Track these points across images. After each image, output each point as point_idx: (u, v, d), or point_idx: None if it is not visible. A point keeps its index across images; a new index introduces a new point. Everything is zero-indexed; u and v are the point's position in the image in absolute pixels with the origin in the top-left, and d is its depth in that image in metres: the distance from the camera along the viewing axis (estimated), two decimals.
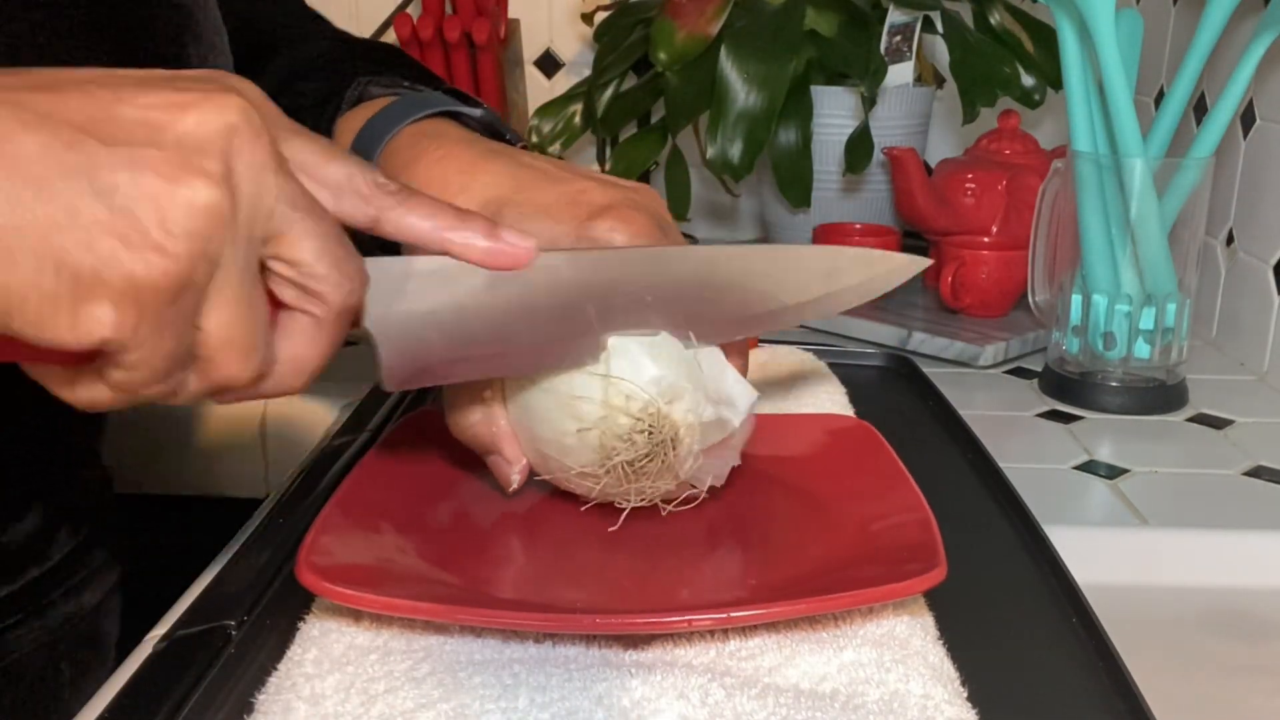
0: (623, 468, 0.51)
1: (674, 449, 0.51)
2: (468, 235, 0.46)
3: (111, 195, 0.35)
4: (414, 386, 0.49)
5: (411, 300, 0.46)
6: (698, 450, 0.52)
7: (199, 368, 0.39)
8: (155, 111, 0.37)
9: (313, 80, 0.70)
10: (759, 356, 0.83)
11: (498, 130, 0.64)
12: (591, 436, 0.51)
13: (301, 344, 0.41)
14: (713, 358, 0.54)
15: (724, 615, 0.45)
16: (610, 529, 0.54)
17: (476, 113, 0.64)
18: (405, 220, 0.45)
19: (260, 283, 0.39)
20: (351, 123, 0.63)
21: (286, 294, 0.41)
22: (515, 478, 0.55)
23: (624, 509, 0.53)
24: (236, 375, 0.39)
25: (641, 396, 0.50)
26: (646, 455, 0.51)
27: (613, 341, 0.52)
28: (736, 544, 0.54)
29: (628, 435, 0.51)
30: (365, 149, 0.61)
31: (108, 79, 0.37)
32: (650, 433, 0.51)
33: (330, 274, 0.40)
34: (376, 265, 0.45)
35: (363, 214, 0.44)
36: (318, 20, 0.79)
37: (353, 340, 0.46)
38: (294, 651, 0.46)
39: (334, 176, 0.43)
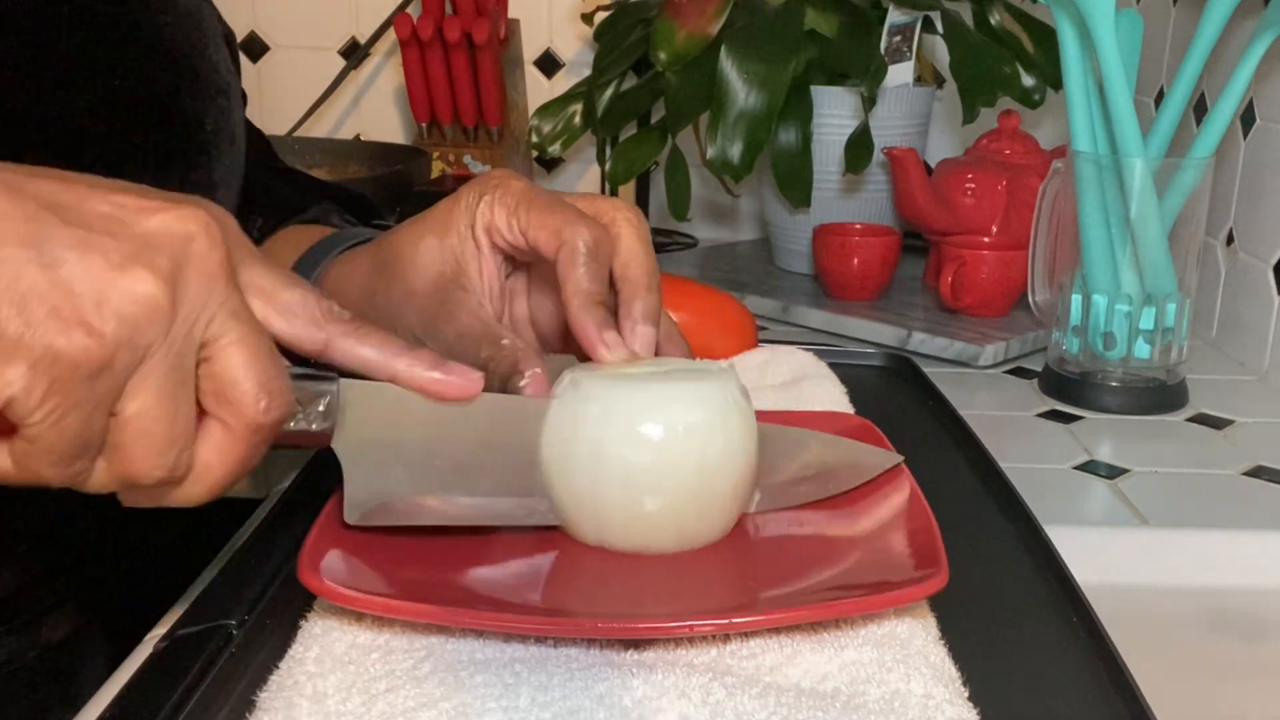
0: None
1: None
2: (414, 364, 0.47)
3: (56, 268, 0.36)
4: (377, 523, 0.48)
5: (383, 428, 0.47)
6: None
7: (110, 456, 0.39)
8: (122, 210, 0.38)
9: (285, 188, 0.75)
10: (759, 357, 0.83)
11: None
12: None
13: (211, 451, 0.41)
14: None
15: (725, 621, 0.45)
16: None
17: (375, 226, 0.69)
18: (356, 349, 0.46)
19: (190, 386, 0.40)
20: (296, 236, 0.68)
21: (207, 400, 0.41)
22: (531, 383, 0.52)
23: None
24: (147, 470, 0.39)
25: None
26: None
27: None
28: (738, 545, 0.54)
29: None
30: (311, 261, 0.64)
31: (91, 180, 0.39)
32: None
33: (251, 386, 0.40)
34: (354, 386, 0.46)
35: (313, 339, 0.45)
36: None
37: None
38: (296, 650, 0.46)
39: (289, 300, 0.44)
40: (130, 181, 0.41)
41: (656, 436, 0.49)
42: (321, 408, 0.46)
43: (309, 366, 0.47)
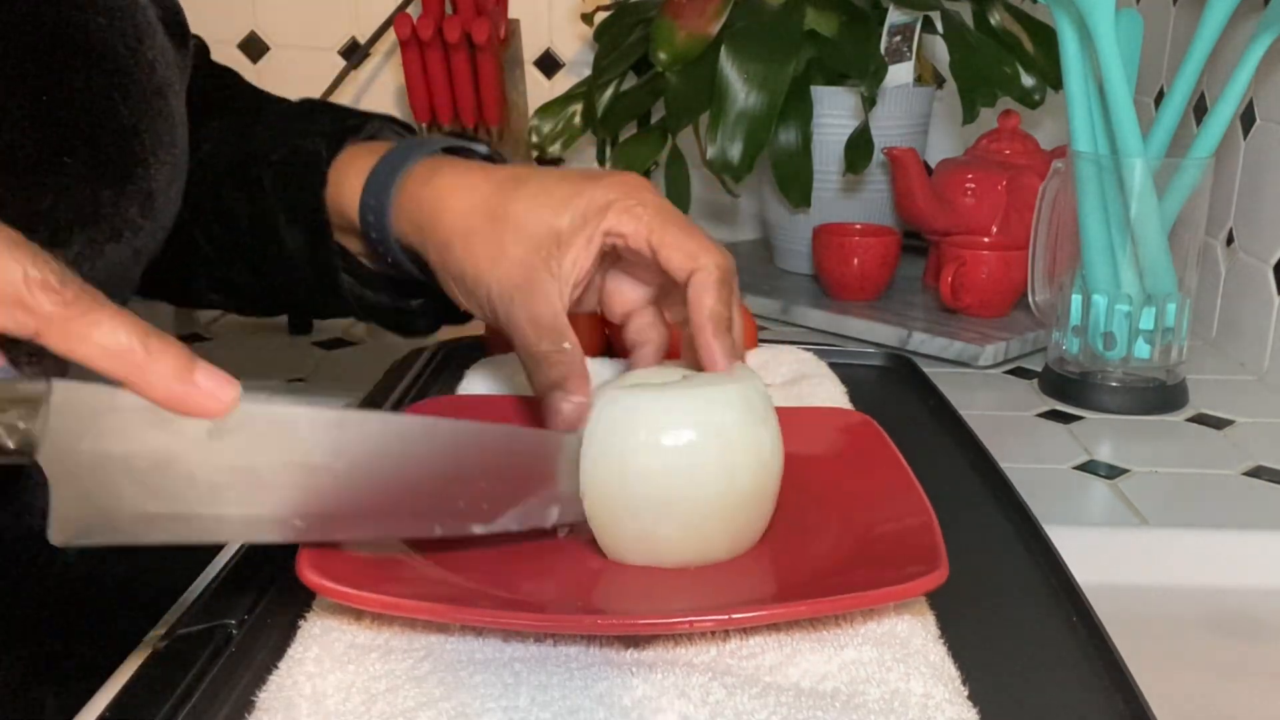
0: None
1: None
2: (151, 369, 0.39)
3: None
4: (90, 543, 0.41)
5: (105, 440, 0.40)
6: None
7: None
8: None
9: (321, 118, 0.71)
10: (759, 356, 0.83)
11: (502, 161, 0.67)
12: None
13: None
14: None
15: (725, 617, 0.45)
16: None
17: (482, 149, 0.67)
18: (78, 344, 0.39)
19: None
20: (363, 154, 0.66)
21: None
22: (572, 410, 0.53)
23: None
24: None
25: None
26: None
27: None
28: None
29: None
30: (383, 177, 0.64)
31: None
32: None
33: None
34: (70, 391, 0.39)
35: (19, 325, 0.38)
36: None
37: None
38: (295, 650, 0.46)
39: None
40: (59, 196, 0.38)
41: (682, 441, 0.49)
42: (19, 418, 0.38)
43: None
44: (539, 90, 1.45)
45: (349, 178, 0.66)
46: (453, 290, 0.62)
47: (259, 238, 0.69)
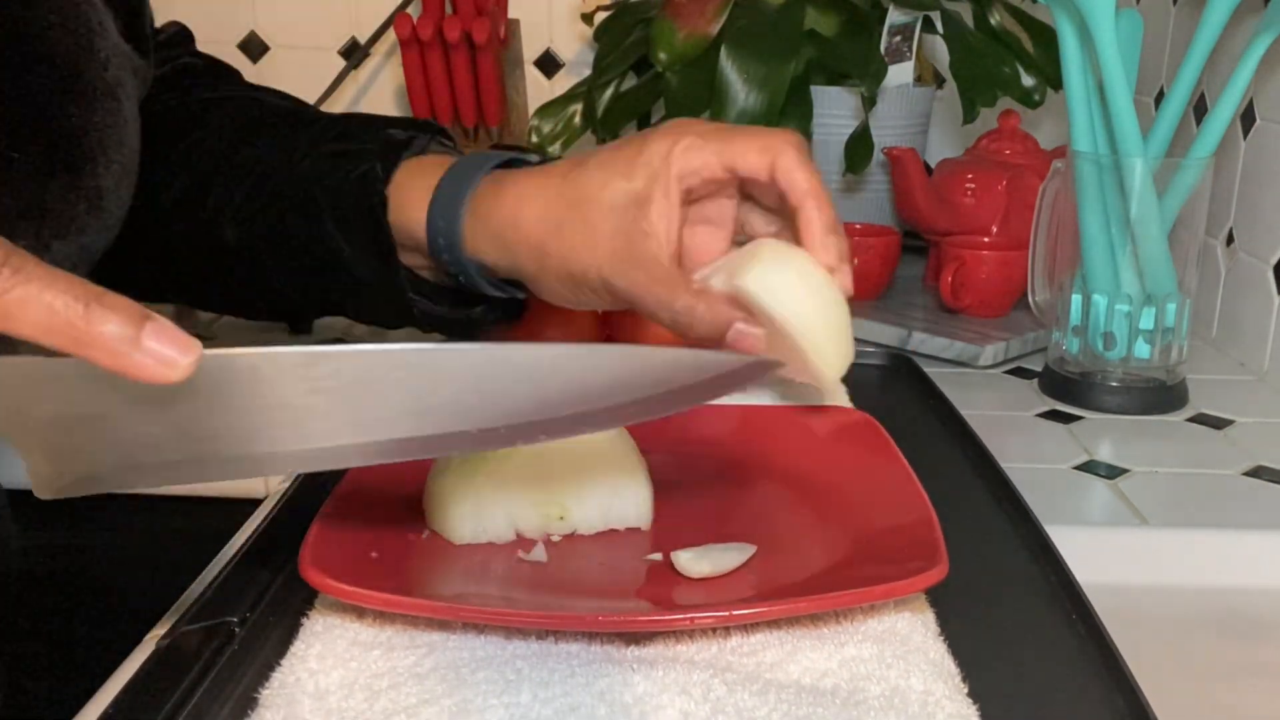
0: None
1: None
2: (93, 339, 0.37)
3: None
4: (78, 494, 0.41)
5: (56, 404, 0.39)
6: None
7: None
8: None
9: (363, 135, 0.71)
10: None
11: None
12: None
13: None
14: None
15: (726, 614, 0.46)
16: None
17: (534, 158, 0.68)
18: (10, 322, 0.36)
19: None
20: (419, 173, 0.66)
21: None
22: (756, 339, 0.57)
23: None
24: None
25: None
26: None
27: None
28: (739, 538, 0.54)
29: None
30: (449, 198, 0.65)
31: None
32: None
33: None
34: (5, 367, 0.38)
35: None
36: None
37: None
38: (297, 647, 0.46)
39: None
40: (5, 191, 0.38)
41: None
42: None
43: None
44: (539, 90, 1.45)
45: (411, 199, 0.66)
46: (559, 293, 0.63)
47: (322, 260, 0.70)
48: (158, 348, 0.37)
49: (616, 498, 0.54)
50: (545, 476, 0.53)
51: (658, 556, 0.52)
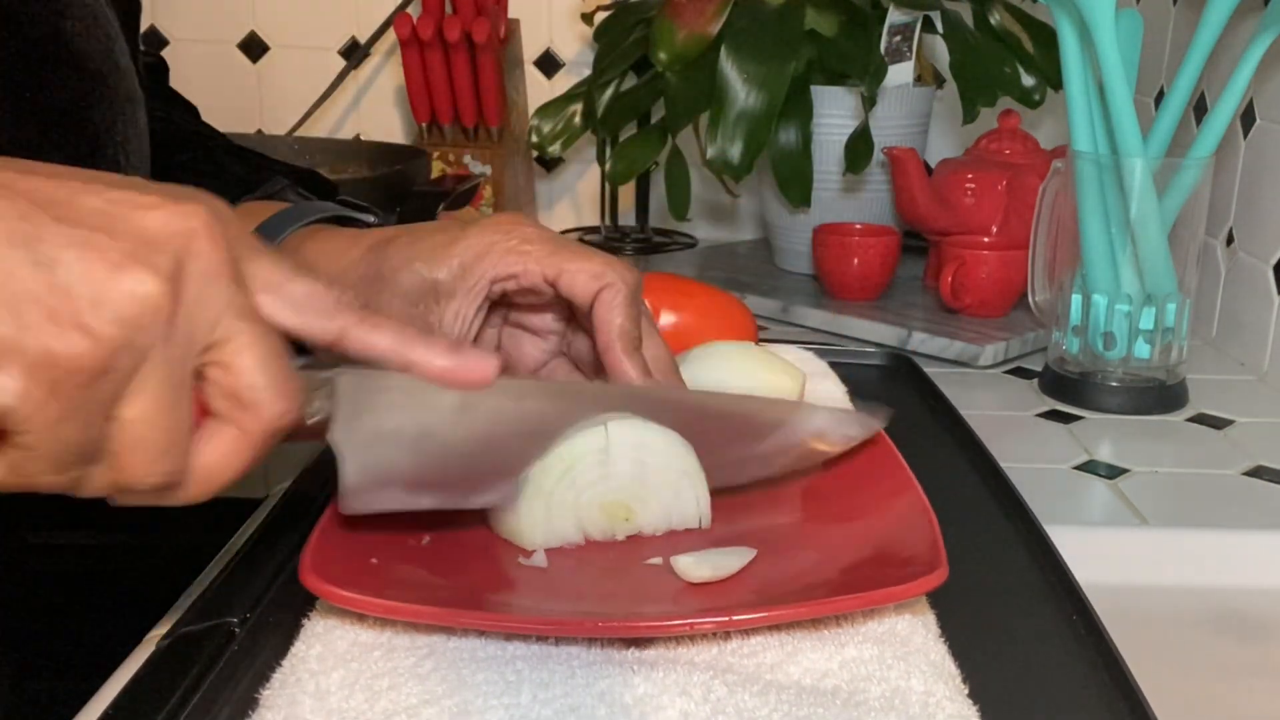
0: None
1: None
2: (429, 352, 0.45)
3: (52, 269, 0.34)
4: (376, 510, 0.48)
5: (380, 416, 0.46)
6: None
7: (109, 462, 0.37)
8: (118, 206, 0.37)
9: (236, 164, 0.73)
10: None
11: None
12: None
13: (220, 455, 0.40)
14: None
15: (726, 619, 0.46)
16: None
17: (369, 219, 0.67)
18: (368, 337, 0.44)
19: (189, 388, 0.38)
20: (247, 215, 0.65)
21: (218, 403, 0.40)
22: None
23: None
24: (145, 476, 0.38)
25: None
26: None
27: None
28: (738, 542, 0.54)
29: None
30: (265, 236, 0.63)
31: (84, 174, 0.38)
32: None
33: (269, 388, 0.39)
34: (351, 375, 0.45)
35: (325, 330, 0.43)
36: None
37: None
38: (298, 648, 0.46)
39: (298, 293, 0.42)
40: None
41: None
42: (317, 401, 0.45)
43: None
44: (539, 90, 1.46)
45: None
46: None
47: None
48: (474, 356, 0.45)
49: (677, 499, 0.54)
50: (611, 480, 0.53)
51: (658, 560, 0.52)
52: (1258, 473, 0.76)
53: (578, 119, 1.22)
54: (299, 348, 0.44)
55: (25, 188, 0.35)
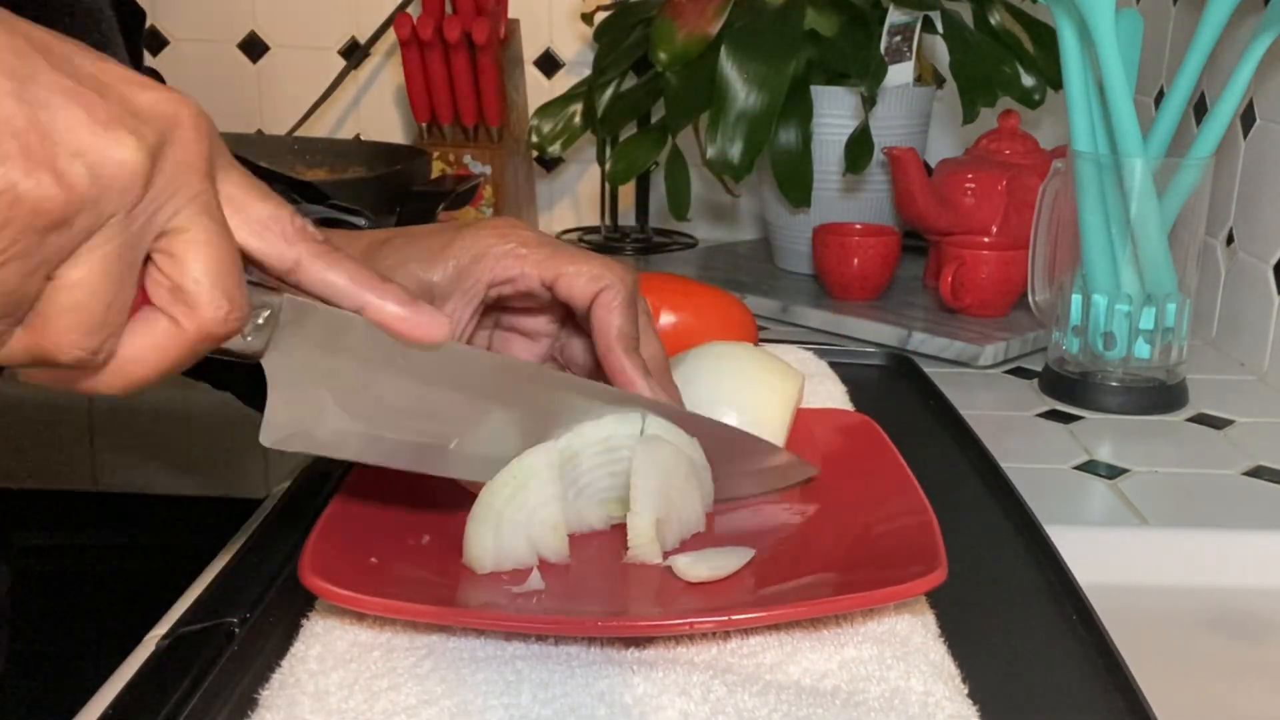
0: None
1: None
2: (384, 297, 0.45)
3: (36, 108, 0.33)
4: (293, 449, 0.47)
5: (319, 353, 0.45)
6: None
7: (33, 324, 0.36)
8: (113, 76, 0.36)
9: None
10: None
11: None
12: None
13: (148, 347, 0.39)
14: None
15: (725, 619, 0.46)
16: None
17: (360, 221, 0.66)
18: (324, 274, 0.44)
19: (137, 270, 0.37)
20: None
21: (160, 294, 0.38)
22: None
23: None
24: (69, 347, 0.36)
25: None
26: None
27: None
28: (737, 542, 0.54)
29: None
30: None
31: (85, 45, 0.37)
32: None
33: (214, 288, 0.38)
34: (298, 303, 0.44)
35: (282, 257, 0.42)
36: None
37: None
38: (298, 648, 0.46)
39: (262, 214, 0.42)
40: None
41: None
42: (260, 321, 0.43)
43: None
44: (539, 90, 1.45)
45: None
46: None
47: None
48: (429, 311, 0.45)
49: (686, 503, 0.54)
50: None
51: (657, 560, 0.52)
52: (1258, 473, 0.76)
53: (578, 119, 1.22)
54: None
55: (26, 30, 0.35)
